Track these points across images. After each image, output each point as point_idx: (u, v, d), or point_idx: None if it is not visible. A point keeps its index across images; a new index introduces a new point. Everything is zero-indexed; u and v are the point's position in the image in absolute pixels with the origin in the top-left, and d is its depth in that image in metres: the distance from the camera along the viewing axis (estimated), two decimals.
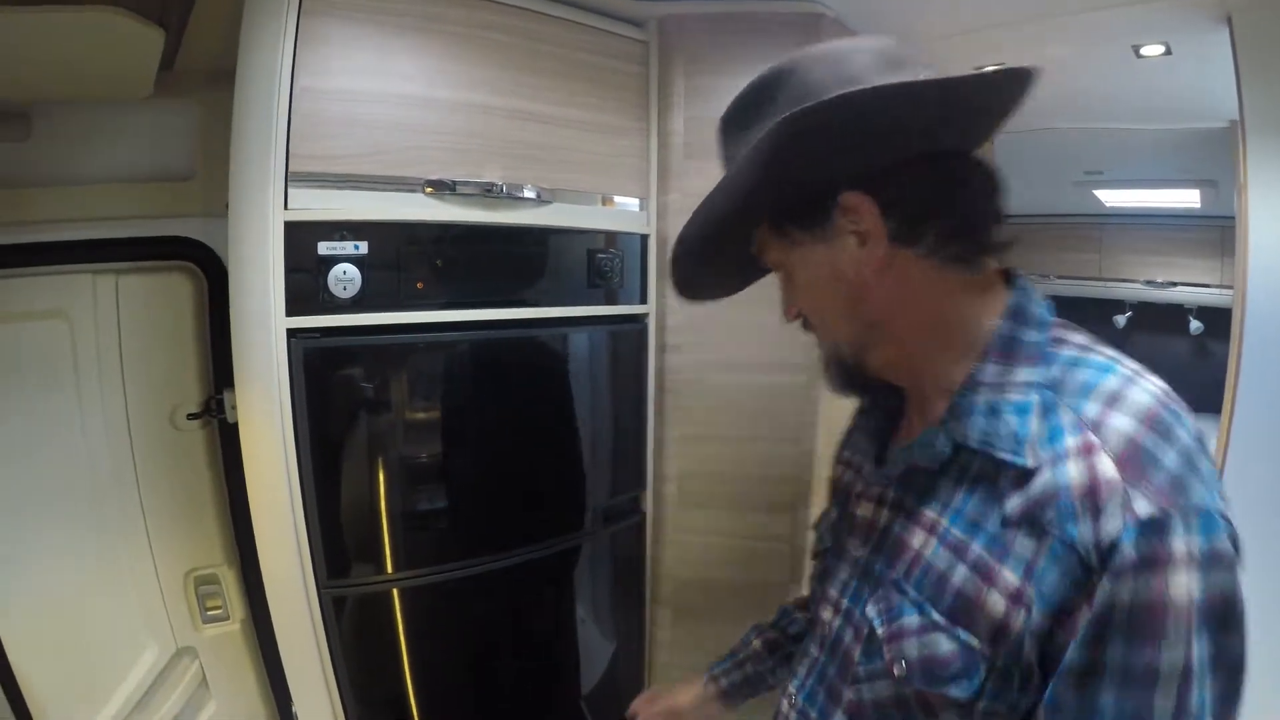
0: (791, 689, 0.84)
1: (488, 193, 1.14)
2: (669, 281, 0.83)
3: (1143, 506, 0.52)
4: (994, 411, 0.62)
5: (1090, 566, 0.54)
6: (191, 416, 1.46)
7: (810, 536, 1.40)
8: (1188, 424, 0.57)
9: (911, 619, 0.66)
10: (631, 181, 1.32)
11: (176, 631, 1.56)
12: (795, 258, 0.70)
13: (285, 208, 1.01)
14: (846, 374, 0.73)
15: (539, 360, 1.30)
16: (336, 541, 1.16)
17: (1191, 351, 3.32)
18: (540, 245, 1.24)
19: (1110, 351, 0.63)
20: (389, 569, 1.22)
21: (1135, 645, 0.52)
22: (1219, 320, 1.57)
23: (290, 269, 1.03)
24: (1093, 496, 0.54)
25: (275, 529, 1.12)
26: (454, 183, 1.11)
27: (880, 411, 0.80)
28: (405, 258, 1.12)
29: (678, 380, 1.38)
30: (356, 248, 1.07)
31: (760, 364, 1.39)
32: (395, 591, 1.24)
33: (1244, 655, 0.54)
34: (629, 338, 1.34)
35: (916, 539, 0.67)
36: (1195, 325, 3.27)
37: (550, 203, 1.21)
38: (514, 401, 1.28)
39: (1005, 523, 0.59)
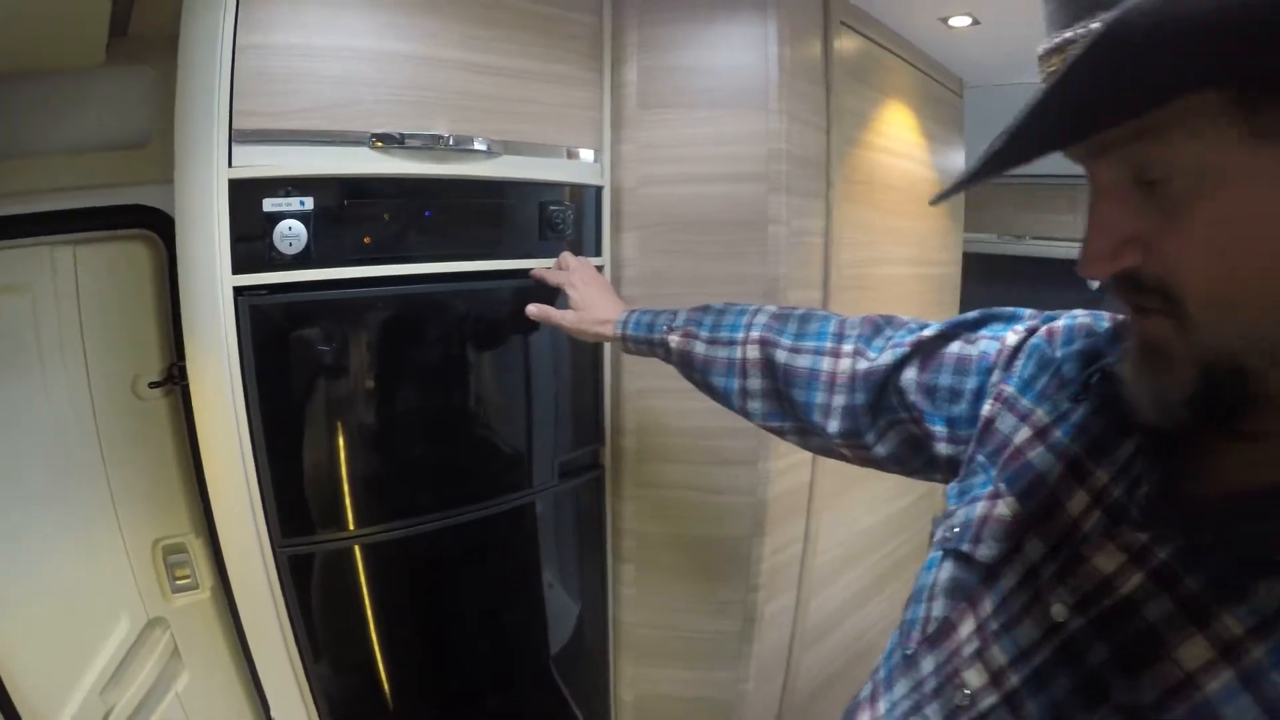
0: None
1: (436, 145, 1.15)
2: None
3: None
4: None
5: None
6: (153, 385, 1.47)
7: (769, 490, 1.43)
8: None
9: None
10: (585, 133, 1.33)
11: (147, 602, 1.57)
12: (1242, 169, 0.39)
13: (230, 165, 1.02)
14: (1216, 394, 0.44)
15: (491, 314, 1.32)
16: (291, 499, 1.17)
17: None
18: (491, 198, 1.25)
19: None
20: (347, 526, 1.23)
21: None
22: None
23: (235, 227, 1.04)
24: None
25: (229, 488, 1.13)
26: (402, 135, 1.12)
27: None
28: (352, 212, 1.14)
29: None
30: (302, 204, 1.08)
31: None
32: (356, 549, 1.26)
33: None
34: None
35: (1193, 655, 0.43)
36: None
37: (501, 155, 1.22)
38: (468, 356, 1.31)
39: None
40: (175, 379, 1.48)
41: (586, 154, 1.34)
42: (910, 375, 0.80)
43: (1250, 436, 0.46)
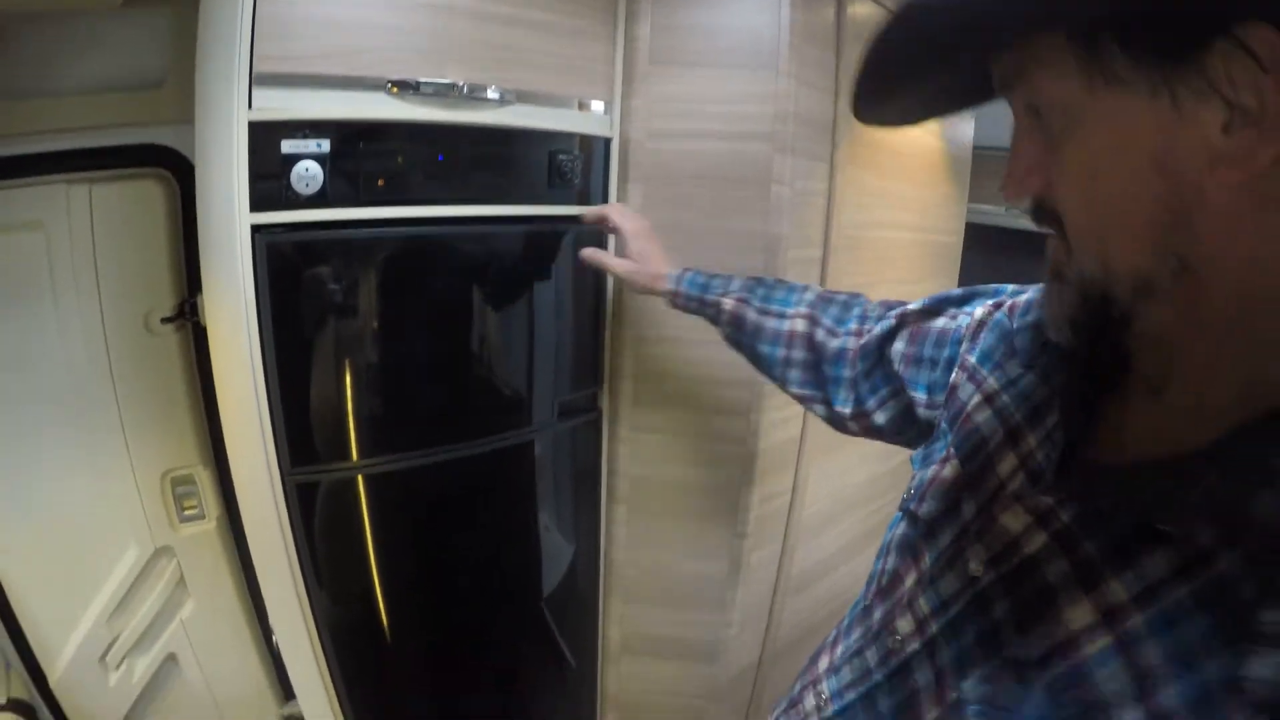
0: (825, 690, 0.70)
1: (451, 92, 1.17)
2: (848, 96, 0.55)
3: None
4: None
5: None
6: (165, 320, 1.50)
7: (760, 441, 1.48)
8: None
9: None
10: (596, 85, 1.34)
11: (154, 532, 1.62)
12: (1095, 110, 0.42)
13: (250, 107, 1.04)
14: (1093, 318, 0.47)
15: (498, 257, 1.35)
16: (300, 429, 1.21)
17: None
18: (502, 145, 1.28)
19: None
20: (352, 456, 1.28)
21: None
22: None
23: (254, 167, 1.06)
24: None
25: (242, 417, 1.17)
26: (418, 82, 1.14)
27: (1080, 376, 0.56)
28: (367, 155, 1.16)
29: None
30: (319, 146, 1.11)
31: (718, 269, 1.43)
32: (360, 479, 1.30)
33: None
34: (588, 237, 1.37)
35: (1079, 616, 0.45)
36: None
37: (513, 104, 1.24)
38: (474, 297, 1.34)
39: (1234, 685, 0.37)
40: (187, 315, 1.51)
41: (597, 106, 1.35)
42: (899, 347, 0.86)
43: (1151, 393, 0.49)
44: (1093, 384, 0.54)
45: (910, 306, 0.88)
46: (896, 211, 1.67)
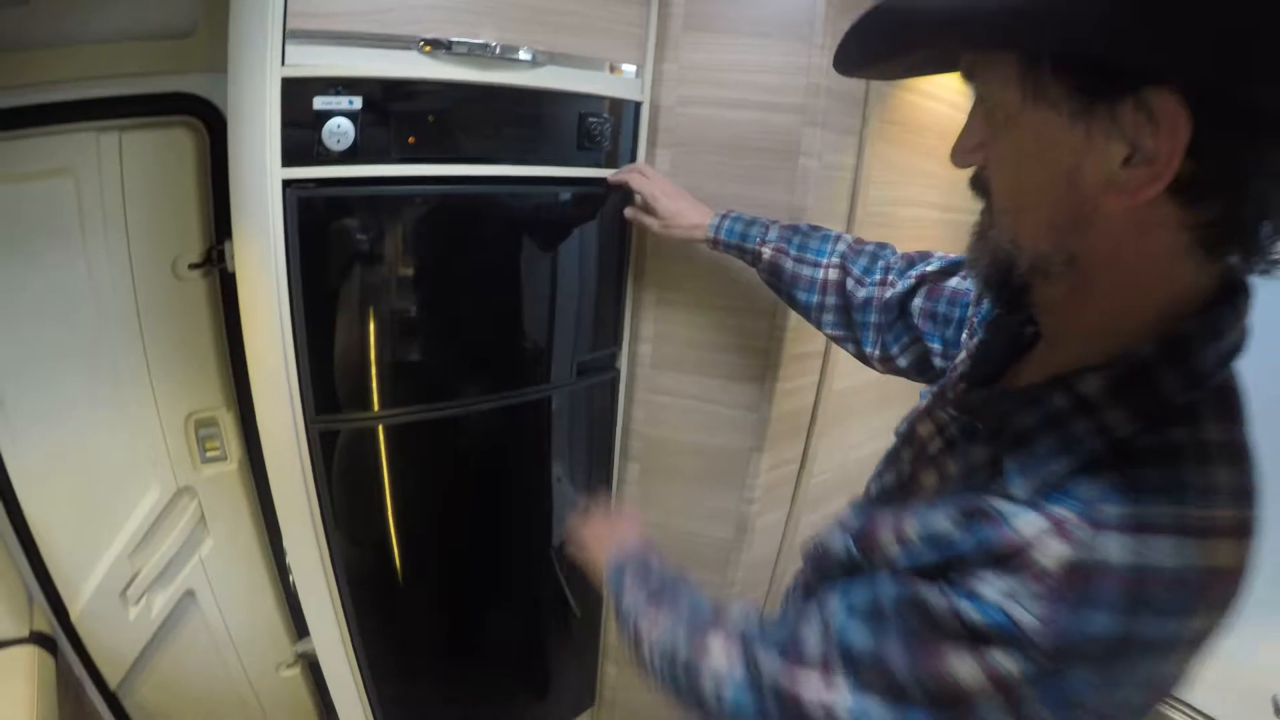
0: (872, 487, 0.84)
1: (483, 52, 1.17)
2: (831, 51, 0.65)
3: (1031, 619, 0.48)
4: (1051, 423, 0.54)
5: (948, 577, 0.53)
6: (193, 266, 1.52)
7: (773, 409, 1.50)
8: (1153, 629, 0.48)
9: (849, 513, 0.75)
10: (629, 49, 1.33)
11: (177, 472, 1.66)
12: (1027, 118, 0.51)
13: (283, 64, 1.05)
14: (998, 277, 0.59)
15: (525, 216, 1.36)
16: (324, 379, 1.24)
17: None
18: (532, 106, 1.28)
19: (1214, 480, 0.49)
20: (374, 406, 1.31)
21: (907, 652, 0.54)
22: None
23: (286, 123, 1.07)
24: (1010, 558, 0.50)
25: (268, 366, 1.20)
26: (450, 42, 1.14)
27: (1001, 329, 0.70)
28: (399, 113, 1.17)
29: (659, 245, 1.43)
30: (351, 103, 1.11)
31: None
32: (379, 428, 1.34)
33: None
34: (615, 200, 1.38)
35: (928, 479, 0.68)
36: None
37: (545, 65, 1.24)
38: (499, 255, 1.36)
39: (959, 502, 0.57)
40: (214, 261, 1.53)
41: (629, 69, 1.35)
42: (918, 303, 1.00)
43: (1046, 346, 0.63)
44: (1013, 338, 0.68)
45: (929, 267, 1.00)
46: (924, 190, 1.66)
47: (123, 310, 1.49)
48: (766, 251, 1.21)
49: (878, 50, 0.59)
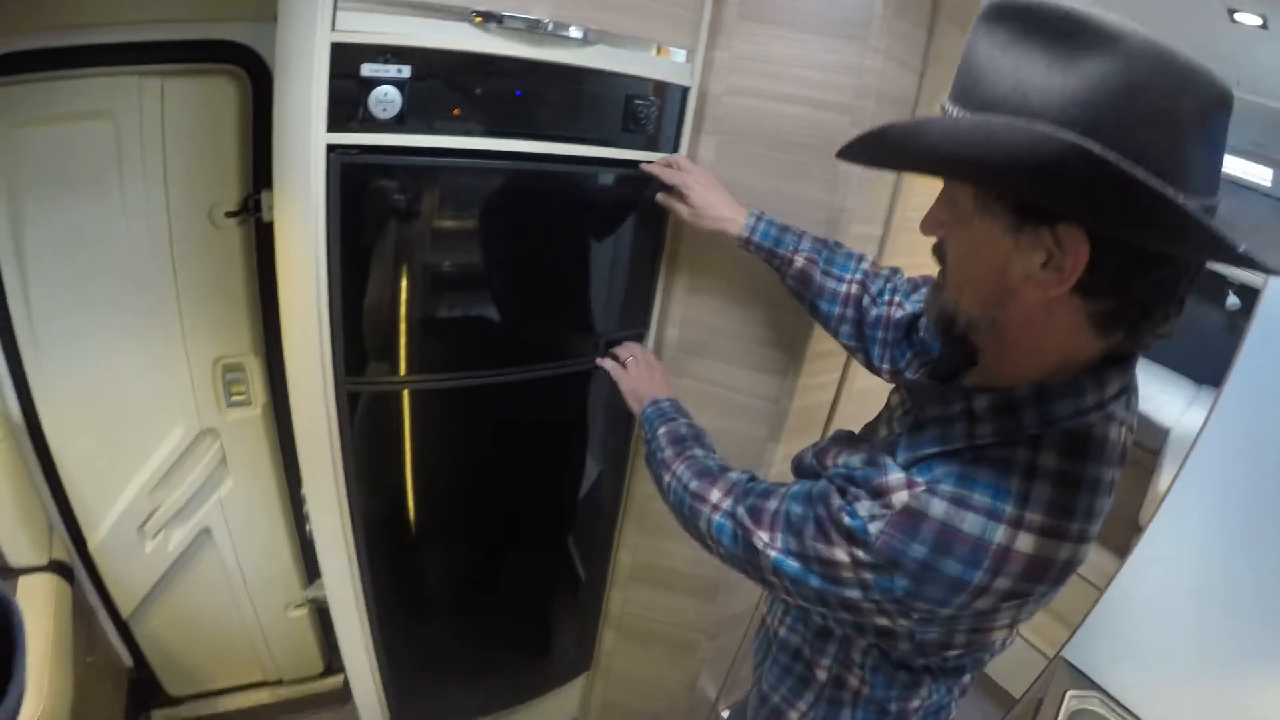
0: None
1: (535, 28, 1.15)
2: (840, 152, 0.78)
3: (876, 532, 0.74)
4: (942, 423, 0.76)
5: (849, 498, 0.78)
6: (230, 214, 1.53)
7: (793, 402, 1.51)
8: (953, 569, 0.71)
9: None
10: (680, 33, 1.31)
11: (202, 413, 1.69)
12: (976, 223, 0.68)
13: (333, 29, 1.04)
14: (944, 325, 0.77)
15: (564, 195, 1.36)
16: (357, 342, 1.26)
17: (1223, 326, 3.21)
18: (580, 85, 1.26)
19: (1030, 491, 0.70)
20: (401, 371, 1.33)
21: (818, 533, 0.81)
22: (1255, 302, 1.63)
23: (333, 88, 1.07)
24: (881, 495, 0.75)
25: (302, 327, 1.21)
26: (503, 15, 1.12)
27: (968, 347, 0.85)
28: (446, 85, 1.16)
29: (695, 233, 1.42)
30: (399, 71, 1.10)
31: None
32: (405, 392, 1.36)
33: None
34: (655, 184, 1.37)
35: (881, 432, 0.92)
36: (1232, 301, 3.20)
37: (595, 44, 1.22)
38: (536, 231, 1.36)
39: (871, 451, 0.82)
40: (250, 210, 1.54)
41: (678, 54, 1.33)
42: (924, 322, 1.13)
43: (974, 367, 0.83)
44: (967, 353, 0.84)
45: None
46: None
47: (157, 254, 1.50)
48: (799, 260, 1.27)
49: (877, 161, 0.78)
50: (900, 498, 0.72)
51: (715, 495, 1.00)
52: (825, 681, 1.03)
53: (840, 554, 0.77)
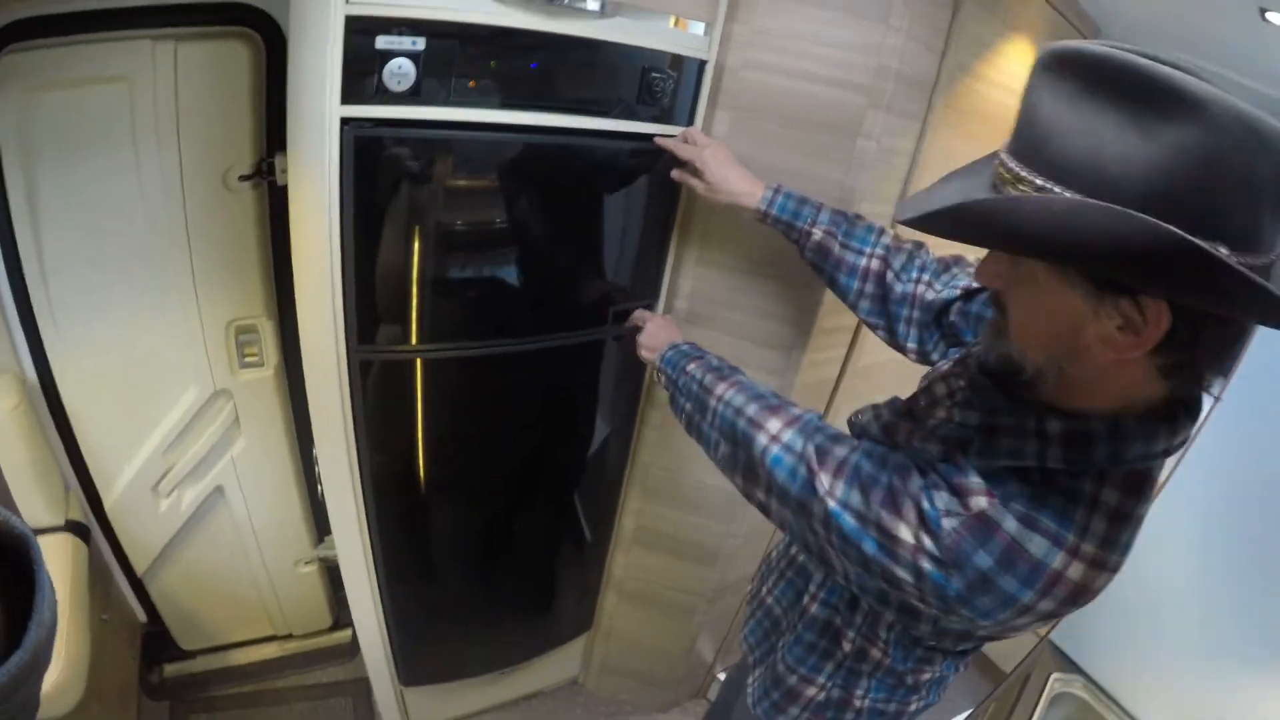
0: None
1: (551, 0, 1.14)
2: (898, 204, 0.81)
3: (950, 525, 0.73)
4: (1020, 435, 0.74)
5: (929, 482, 0.77)
6: (244, 178, 1.53)
7: (798, 378, 1.53)
8: (1009, 585, 0.72)
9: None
10: (700, 6, 1.30)
11: (215, 375, 1.71)
12: (1048, 286, 0.67)
13: (347, 1, 1.03)
14: (1004, 371, 0.76)
15: (577, 167, 1.36)
16: (370, 311, 1.27)
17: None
18: (596, 57, 1.26)
19: (1090, 523, 0.71)
20: (413, 340, 1.35)
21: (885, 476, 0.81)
22: None
23: (348, 60, 1.06)
24: (960, 494, 0.75)
25: (316, 295, 1.23)
26: None
27: None
28: (461, 57, 1.15)
29: (706, 207, 1.42)
30: (414, 44, 1.10)
31: None
32: (418, 361, 1.38)
33: None
34: (668, 158, 1.37)
35: (939, 413, 0.89)
36: None
37: (613, 16, 1.21)
38: (548, 204, 1.37)
39: (945, 446, 0.82)
40: (264, 174, 1.54)
41: (696, 26, 1.32)
42: (959, 306, 1.11)
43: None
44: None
45: (974, 283, 1.11)
46: None
47: (171, 217, 1.50)
48: (817, 233, 1.24)
49: (946, 234, 0.69)
50: (979, 503, 0.72)
51: (775, 425, 0.94)
52: (849, 653, 1.04)
53: (905, 532, 0.76)
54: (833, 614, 1.05)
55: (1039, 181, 0.61)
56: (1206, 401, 0.72)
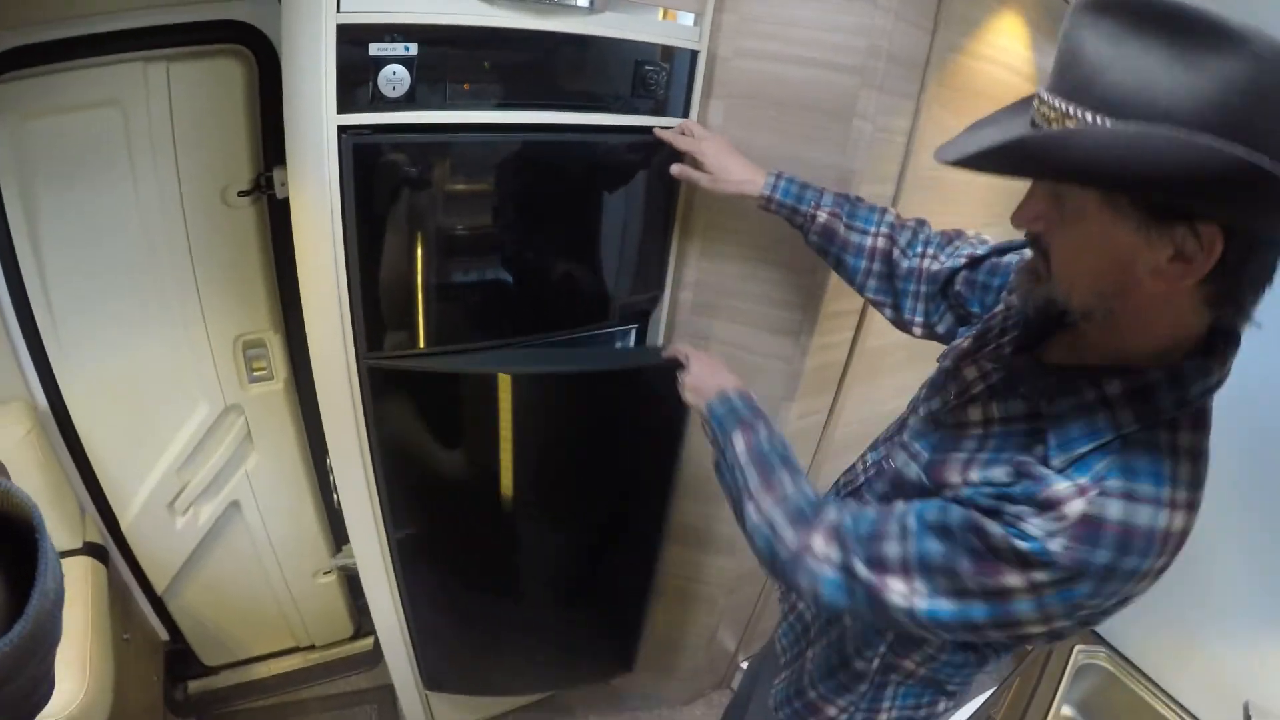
0: (869, 458, 1.12)
1: None
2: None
3: (1058, 548, 0.69)
4: (1083, 412, 0.73)
5: (1002, 515, 0.73)
6: (243, 194, 1.54)
7: (807, 362, 1.53)
8: (1141, 561, 0.70)
9: (918, 446, 0.93)
10: None
11: (225, 390, 1.72)
12: (1099, 219, 0.67)
13: (338, 10, 1.03)
14: (1045, 314, 0.78)
15: (576, 163, 1.36)
16: (376, 318, 1.27)
17: None
18: (588, 53, 1.26)
19: (1178, 472, 0.70)
20: (421, 345, 1.35)
21: (973, 564, 0.75)
22: None
23: (342, 69, 1.06)
24: (1048, 507, 0.70)
25: (323, 304, 1.23)
26: None
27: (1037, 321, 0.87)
28: (454, 60, 1.15)
29: (708, 196, 1.42)
30: (407, 49, 1.10)
31: None
32: (428, 365, 1.37)
33: None
34: (666, 149, 1.37)
35: (974, 413, 0.86)
36: None
37: (602, 11, 1.21)
38: (549, 202, 1.36)
39: (1011, 462, 0.76)
40: (263, 188, 1.54)
41: (686, 17, 1.32)
42: (964, 275, 1.12)
43: (1066, 342, 0.82)
44: (1045, 326, 0.85)
45: (978, 251, 1.13)
46: None
47: (173, 236, 1.51)
48: (822, 215, 1.24)
49: (1004, 170, 0.69)
50: (1075, 507, 0.69)
51: (818, 544, 0.89)
52: (876, 669, 1.03)
53: (1013, 580, 0.72)
54: (862, 628, 1.03)
55: (1089, 116, 0.62)
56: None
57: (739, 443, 1.06)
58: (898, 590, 0.80)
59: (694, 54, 1.35)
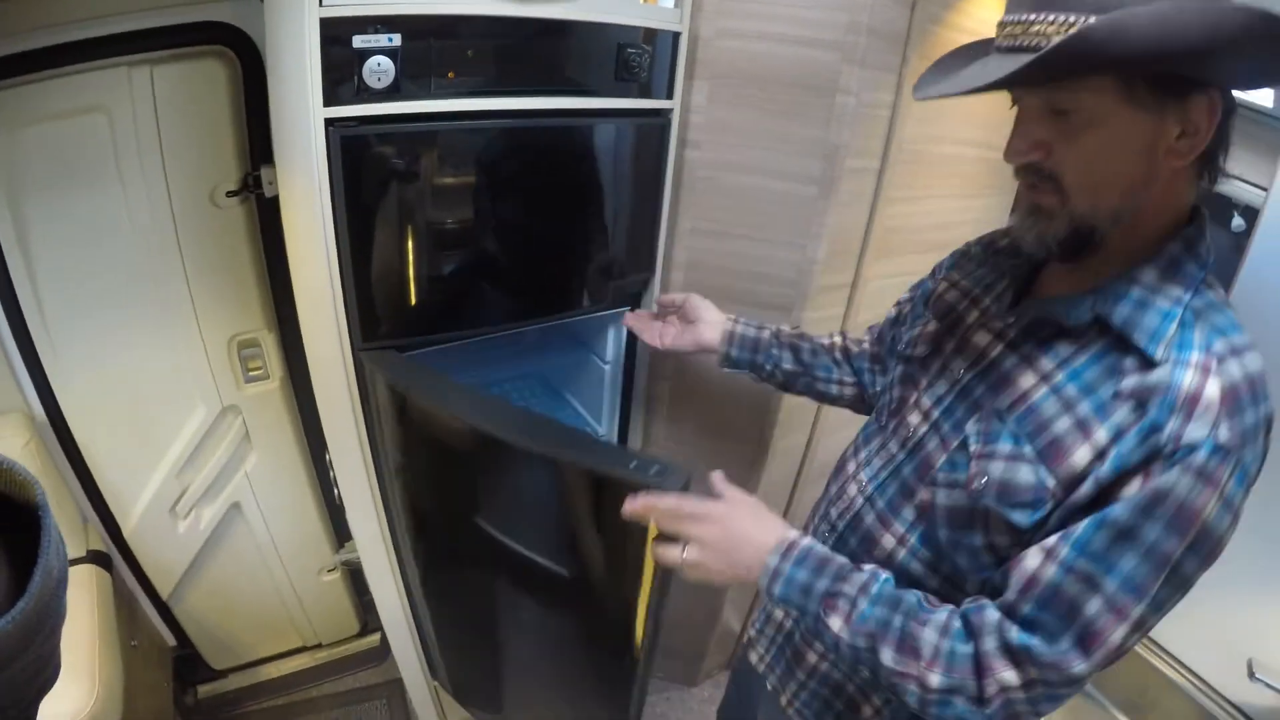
0: (863, 477, 0.97)
1: None
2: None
3: (1224, 434, 0.67)
4: (1142, 305, 0.73)
5: (1162, 451, 0.68)
6: (231, 194, 1.54)
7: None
8: (1267, 403, 0.70)
9: (1005, 446, 0.78)
10: None
11: (222, 392, 1.72)
12: (1118, 117, 0.69)
13: (320, 4, 1.03)
14: (1076, 238, 0.75)
15: (563, 148, 1.36)
16: (369, 309, 1.28)
17: (1229, 247, 3.21)
18: (571, 38, 1.26)
19: (1238, 318, 0.73)
20: (416, 335, 1.36)
21: (1169, 534, 0.68)
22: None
23: (326, 63, 1.06)
24: (1193, 404, 0.67)
25: (316, 298, 1.23)
26: None
27: (1026, 262, 0.88)
28: (437, 49, 1.15)
29: (694, 176, 1.44)
30: (390, 40, 1.10)
31: (775, 171, 1.45)
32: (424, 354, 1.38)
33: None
34: (652, 131, 1.38)
35: (1027, 380, 0.80)
36: (1237, 222, 3.18)
37: None
38: (538, 187, 1.37)
39: (1117, 395, 0.72)
40: (251, 188, 1.55)
41: (666, 0, 1.33)
42: (891, 315, 1.21)
43: (1065, 268, 0.82)
44: (1033, 266, 0.88)
45: (881, 324, 1.25)
46: (961, 127, 1.65)
47: (163, 240, 1.51)
48: (780, 375, 1.33)
49: (1039, 79, 0.69)
50: (1212, 387, 0.67)
51: (1009, 677, 0.75)
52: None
53: (1209, 503, 0.67)
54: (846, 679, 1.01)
55: (1089, 19, 0.64)
56: None
57: (834, 623, 0.84)
58: (1120, 633, 0.72)
59: (676, 35, 1.36)
